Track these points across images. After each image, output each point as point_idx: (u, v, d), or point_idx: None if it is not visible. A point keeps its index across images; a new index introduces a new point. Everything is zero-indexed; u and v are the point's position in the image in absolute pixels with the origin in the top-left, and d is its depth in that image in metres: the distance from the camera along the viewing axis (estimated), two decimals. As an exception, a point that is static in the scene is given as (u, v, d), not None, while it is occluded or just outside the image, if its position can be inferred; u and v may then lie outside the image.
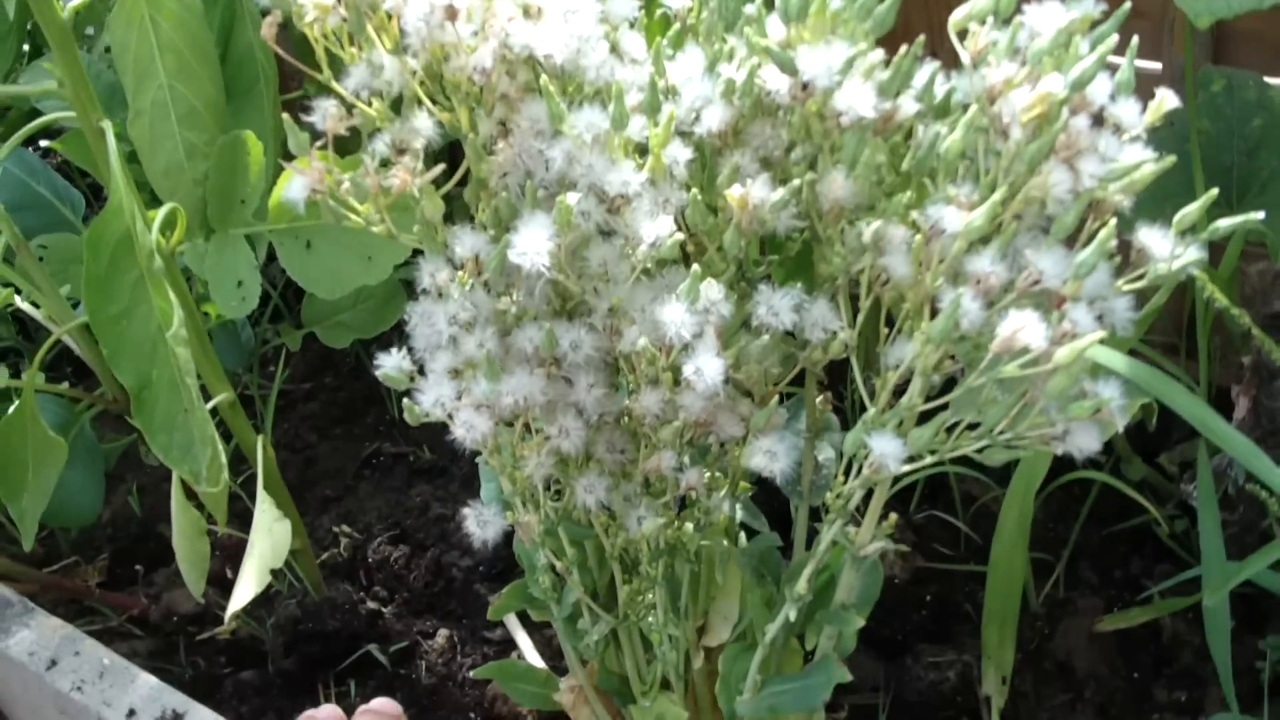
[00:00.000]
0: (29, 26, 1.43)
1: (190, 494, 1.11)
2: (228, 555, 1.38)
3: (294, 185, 0.73)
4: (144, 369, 0.96)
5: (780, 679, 0.90)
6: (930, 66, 0.71)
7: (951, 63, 0.72)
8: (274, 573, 1.05)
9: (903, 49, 0.70)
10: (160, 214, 1.03)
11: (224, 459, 1.00)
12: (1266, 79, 1.28)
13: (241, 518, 1.32)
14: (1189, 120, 1.17)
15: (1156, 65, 1.31)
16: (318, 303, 1.54)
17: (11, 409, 1.18)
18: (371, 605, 1.31)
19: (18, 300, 1.35)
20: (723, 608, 0.94)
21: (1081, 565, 1.27)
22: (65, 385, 1.36)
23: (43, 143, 1.39)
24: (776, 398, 0.78)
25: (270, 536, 1.08)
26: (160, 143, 1.13)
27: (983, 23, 0.69)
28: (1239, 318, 0.99)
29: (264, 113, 1.27)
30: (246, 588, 1.06)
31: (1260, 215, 0.72)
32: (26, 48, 1.47)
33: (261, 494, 1.11)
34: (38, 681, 1.08)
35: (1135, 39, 0.72)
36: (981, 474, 1.29)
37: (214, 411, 1.12)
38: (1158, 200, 0.76)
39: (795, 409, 0.91)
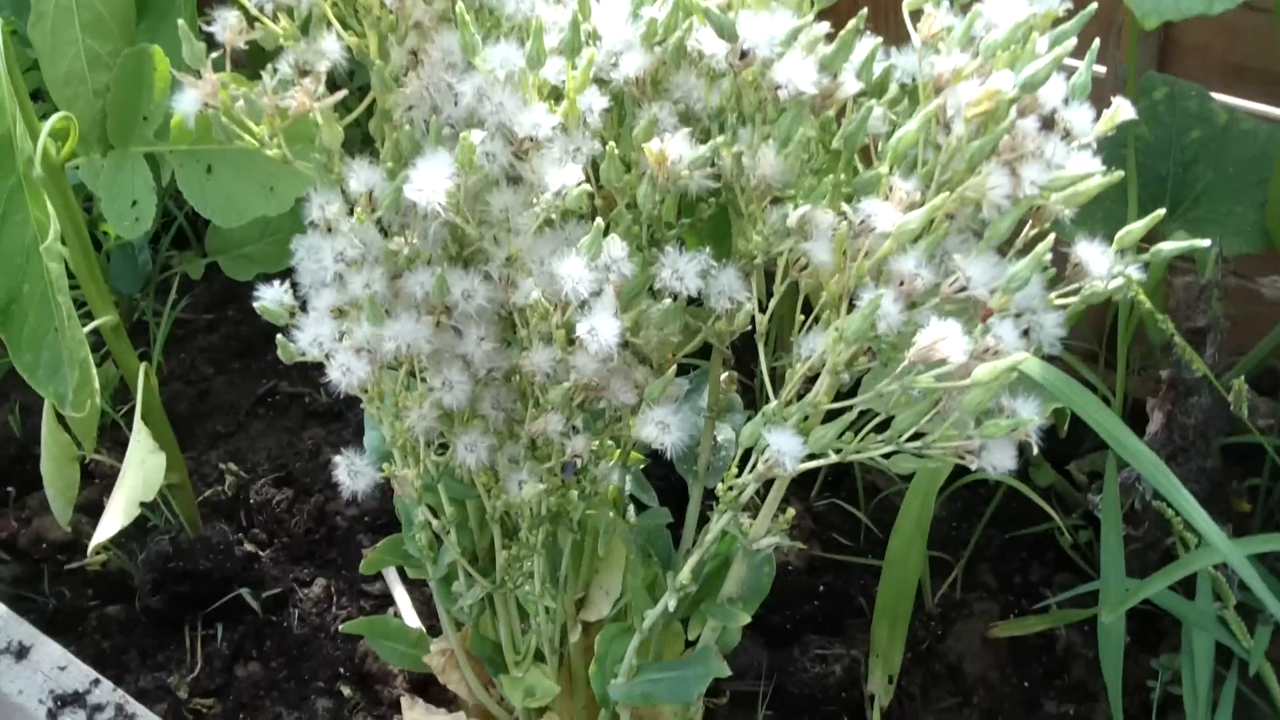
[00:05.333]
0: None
1: (63, 418, 1.06)
2: (106, 485, 1.32)
3: (185, 98, 0.69)
4: (14, 281, 0.91)
5: (657, 666, 0.86)
6: (870, 41, 0.67)
7: (892, 39, 0.69)
8: (149, 506, 1.01)
9: (850, 24, 0.66)
10: (49, 121, 0.97)
11: (96, 383, 0.95)
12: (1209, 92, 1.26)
13: (123, 447, 1.27)
14: (1129, 126, 1.14)
15: (1101, 69, 1.29)
16: (223, 233, 1.48)
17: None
18: (249, 548, 1.26)
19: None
20: (604, 582, 0.91)
21: (980, 568, 1.25)
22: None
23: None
24: (675, 367, 0.74)
25: (142, 469, 1.04)
26: (61, 49, 1.07)
27: (938, 5, 0.66)
28: (1163, 325, 0.97)
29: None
30: (113, 519, 1.01)
31: (1207, 243, 0.69)
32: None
33: (138, 424, 1.06)
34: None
35: (1096, 42, 0.69)
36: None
37: (97, 334, 1.06)
38: (1091, 203, 0.73)
39: (698, 382, 0.88)
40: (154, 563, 1.20)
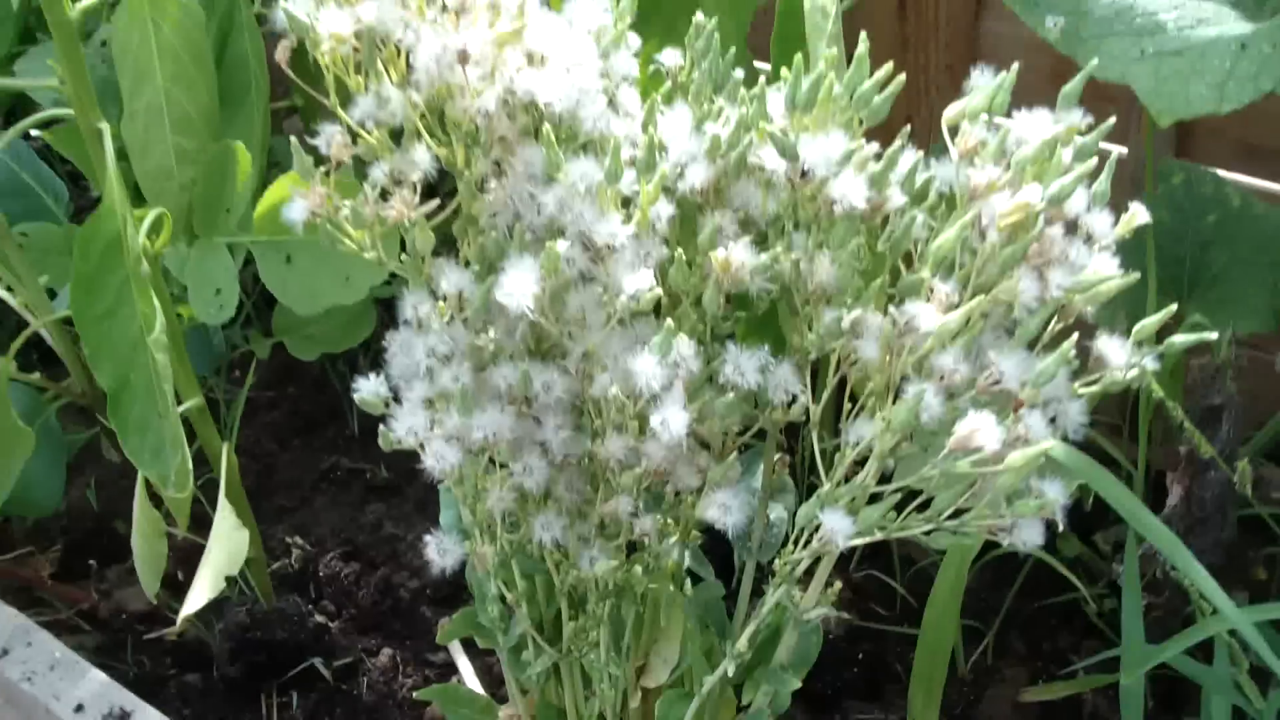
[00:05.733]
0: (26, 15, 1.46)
1: (152, 495, 1.13)
2: (180, 557, 1.39)
3: (295, 207, 0.76)
4: (122, 371, 0.98)
5: (714, 727, 0.93)
6: (912, 155, 0.74)
7: (927, 149, 0.76)
8: (226, 579, 1.07)
9: (895, 143, 0.73)
10: (148, 218, 1.05)
11: (190, 465, 1.02)
12: (1225, 173, 1.33)
13: (198, 520, 1.34)
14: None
15: (1123, 149, 1.36)
16: (288, 313, 1.55)
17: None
18: (319, 619, 1.33)
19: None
20: (664, 650, 0.97)
21: (1011, 636, 1.30)
22: (36, 375, 1.37)
23: (32, 131, 1.41)
24: (734, 454, 0.81)
25: (228, 544, 1.11)
26: (152, 146, 1.15)
27: (974, 121, 0.73)
28: (1173, 410, 1.03)
29: (254, 123, 1.30)
30: (201, 592, 1.07)
31: (1214, 335, 0.76)
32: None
33: (223, 502, 1.12)
34: (-13, 672, 1.10)
35: (1114, 153, 0.76)
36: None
37: (183, 416, 1.14)
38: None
39: (749, 463, 0.94)
40: (232, 632, 1.27)
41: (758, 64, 1.21)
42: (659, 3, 1.04)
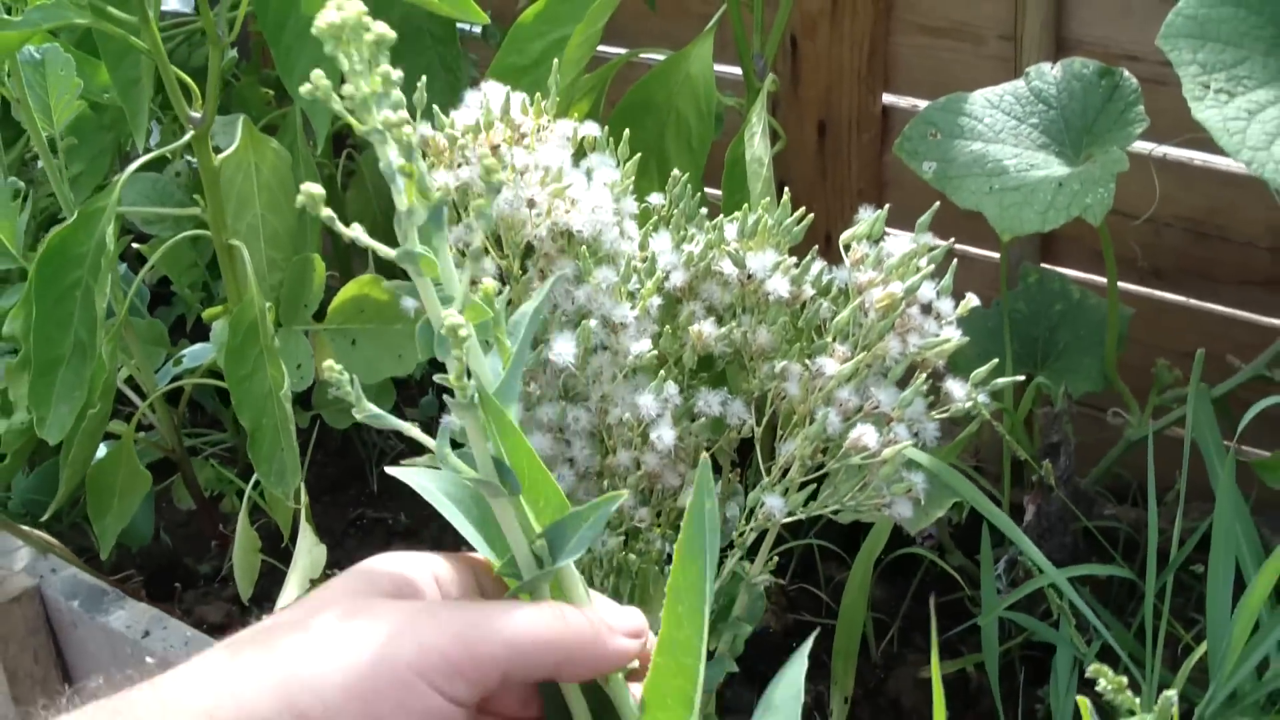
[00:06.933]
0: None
1: (251, 519, 1.48)
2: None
3: (409, 300, 1.12)
4: (259, 416, 1.34)
5: (688, 670, 1.28)
6: (819, 263, 1.12)
7: (833, 259, 1.14)
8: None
9: (808, 256, 1.11)
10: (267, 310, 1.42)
11: (303, 485, 1.37)
12: (1078, 273, 1.72)
13: (265, 552, 1.68)
14: (1004, 302, 1.60)
15: (995, 255, 1.75)
16: (325, 388, 1.91)
17: (109, 450, 1.55)
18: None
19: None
20: (650, 616, 1.32)
21: (911, 629, 1.67)
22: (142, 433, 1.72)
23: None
24: (708, 460, 1.17)
25: (309, 556, 1.46)
26: (251, 256, 1.51)
27: (860, 241, 1.10)
28: (1018, 442, 1.41)
29: (319, 236, 1.67)
30: (291, 591, 1.42)
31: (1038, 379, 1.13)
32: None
33: (304, 524, 1.47)
34: (134, 647, 1.43)
35: (955, 263, 1.13)
36: (844, 554, 1.69)
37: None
38: (983, 358, 1.14)
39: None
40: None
41: (709, 189, 1.60)
42: (647, 164, 1.42)
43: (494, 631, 0.64)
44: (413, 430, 0.66)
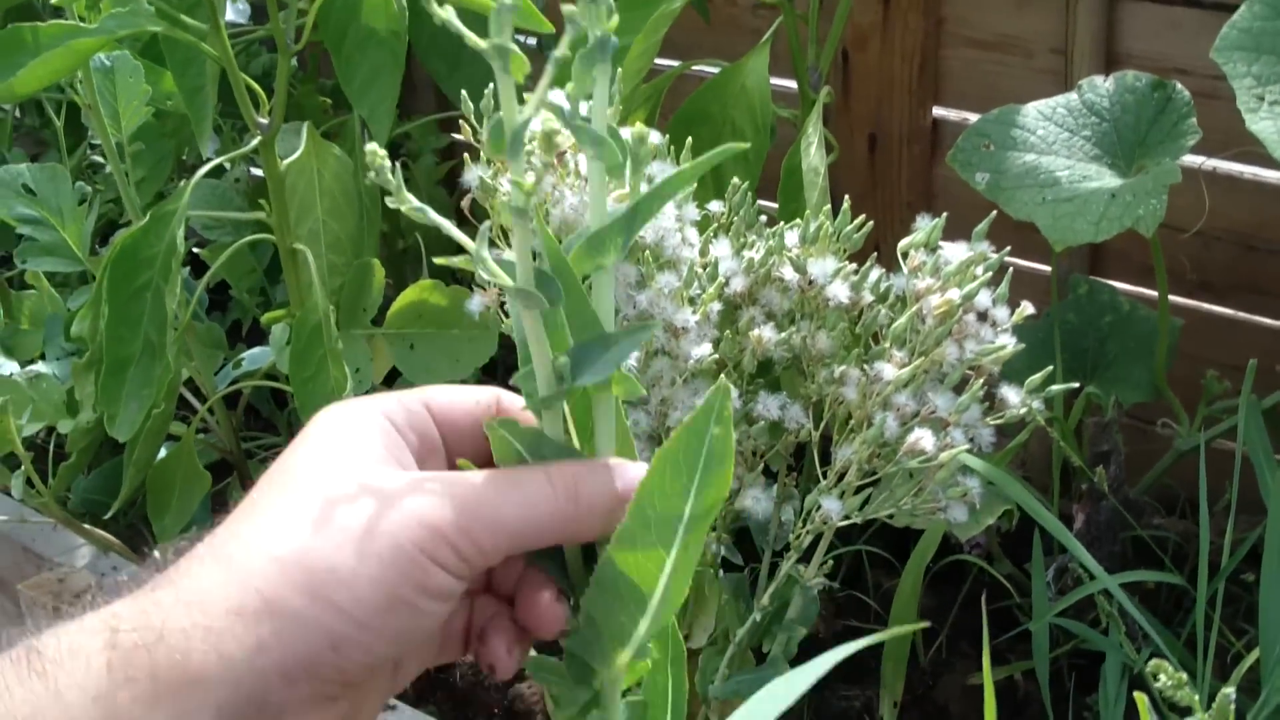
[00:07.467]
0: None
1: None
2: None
3: (474, 301, 1.14)
4: (322, 416, 1.37)
5: (742, 672, 1.30)
6: (878, 270, 1.13)
7: (889, 265, 1.16)
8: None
9: (867, 263, 1.13)
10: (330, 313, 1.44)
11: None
12: (1126, 285, 1.73)
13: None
14: (1054, 313, 1.61)
15: (1044, 267, 1.76)
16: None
17: (169, 451, 1.58)
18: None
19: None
20: (703, 619, 1.34)
21: (960, 637, 1.68)
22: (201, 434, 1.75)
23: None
24: (762, 464, 1.19)
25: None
26: (312, 261, 1.54)
27: (917, 249, 1.12)
28: (1068, 452, 1.42)
29: (377, 242, 1.70)
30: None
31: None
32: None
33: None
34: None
35: (1010, 272, 1.15)
36: (893, 560, 1.71)
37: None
38: (1033, 368, 1.15)
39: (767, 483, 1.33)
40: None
41: (762, 202, 1.62)
42: (703, 174, 1.44)
43: (500, 518, 0.64)
44: (451, 229, 0.64)
